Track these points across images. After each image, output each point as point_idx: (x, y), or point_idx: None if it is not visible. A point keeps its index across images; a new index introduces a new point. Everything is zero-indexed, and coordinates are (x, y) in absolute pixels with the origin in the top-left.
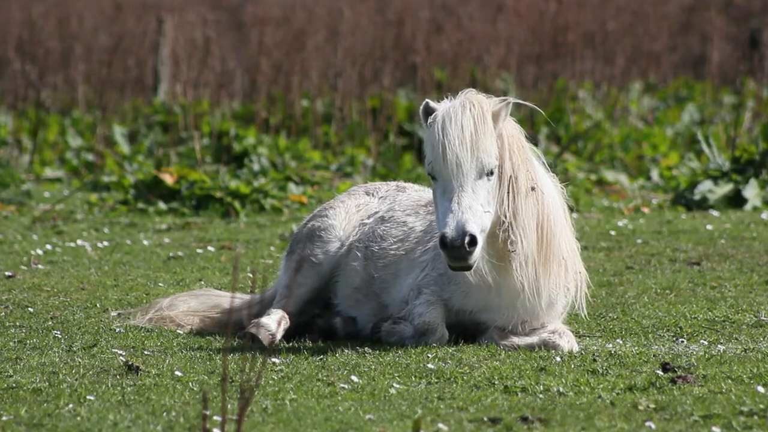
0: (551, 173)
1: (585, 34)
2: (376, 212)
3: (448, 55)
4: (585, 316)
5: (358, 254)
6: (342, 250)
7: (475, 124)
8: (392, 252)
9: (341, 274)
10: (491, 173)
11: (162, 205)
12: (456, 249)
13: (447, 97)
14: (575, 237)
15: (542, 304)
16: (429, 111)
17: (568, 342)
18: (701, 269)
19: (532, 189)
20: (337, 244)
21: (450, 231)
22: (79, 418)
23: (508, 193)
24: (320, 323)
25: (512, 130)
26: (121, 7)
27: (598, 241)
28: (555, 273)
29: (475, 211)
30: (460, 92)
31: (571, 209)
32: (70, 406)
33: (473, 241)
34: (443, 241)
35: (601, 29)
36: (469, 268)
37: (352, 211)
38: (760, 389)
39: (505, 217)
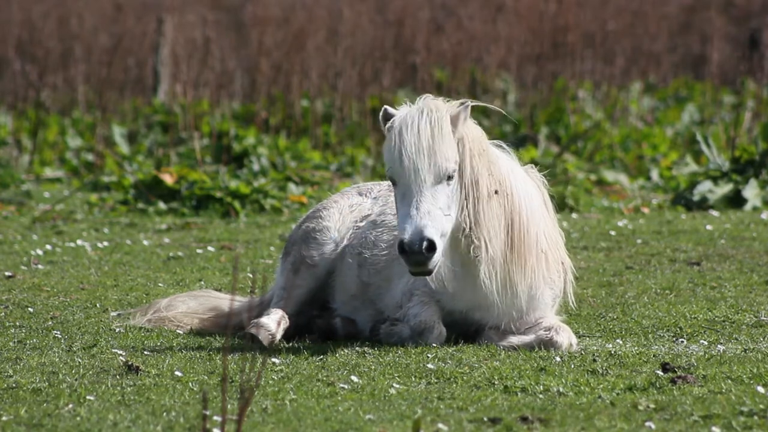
0: (528, 165)
1: (585, 34)
2: (369, 215)
3: (448, 56)
4: (573, 304)
5: (351, 261)
6: (337, 252)
7: (432, 129)
8: (384, 257)
9: (337, 278)
10: (450, 177)
11: (162, 205)
12: (414, 254)
13: (405, 103)
14: (558, 227)
15: (524, 299)
16: (387, 117)
17: (567, 337)
18: (701, 269)
19: (495, 192)
20: (332, 245)
21: (408, 236)
22: (79, 418)
23: (468, 198)
24: (320, 323)
25: (473, 133)
26: (121, 7)
27: (598, 241)
28: (533, 267)
29: (434, 215)
30: (418, 98)
31: (552, 196)
32: (70, 406)
33: (431, 246)
34: (401, 247)
35: (601, 29)
36: (429, 273)
37: (346, 212)
38: (760, 389)
39: (466, 222)
